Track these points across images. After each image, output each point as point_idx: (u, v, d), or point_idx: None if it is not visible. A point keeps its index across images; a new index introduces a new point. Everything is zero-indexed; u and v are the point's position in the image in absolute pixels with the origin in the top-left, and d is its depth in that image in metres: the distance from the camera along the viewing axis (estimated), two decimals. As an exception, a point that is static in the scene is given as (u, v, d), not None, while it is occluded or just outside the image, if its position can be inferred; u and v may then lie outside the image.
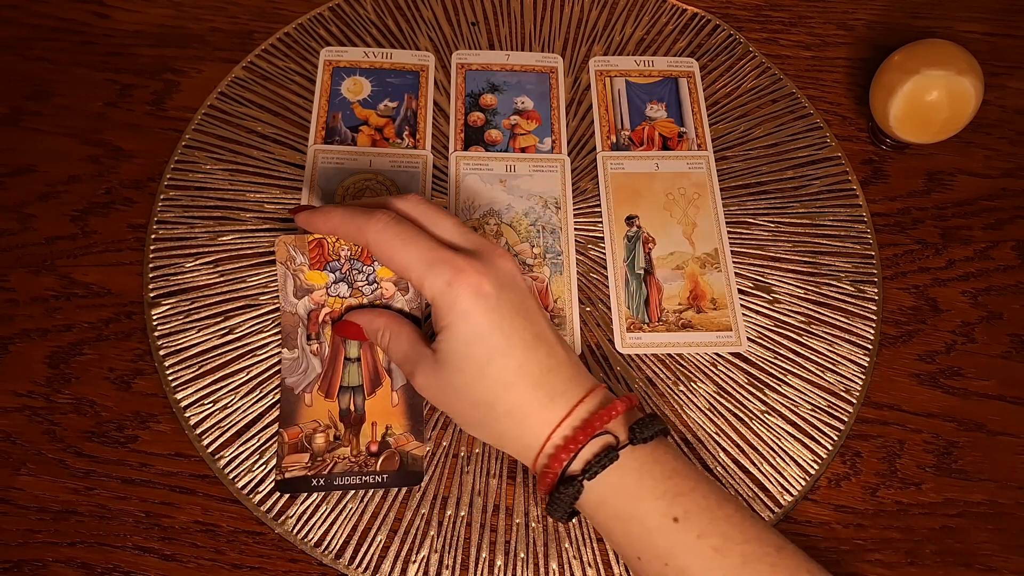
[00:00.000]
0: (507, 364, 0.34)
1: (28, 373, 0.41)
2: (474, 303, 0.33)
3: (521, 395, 0.34)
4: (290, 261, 0.40)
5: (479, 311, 0.33)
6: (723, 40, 0.54)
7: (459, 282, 0.33)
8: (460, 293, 0.33)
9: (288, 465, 0.39)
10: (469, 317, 0.34)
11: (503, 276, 0.35)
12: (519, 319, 0.34)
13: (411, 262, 0.34)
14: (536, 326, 0.35)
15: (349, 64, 0.50)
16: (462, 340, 0.34)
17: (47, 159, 0.47)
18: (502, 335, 0.34)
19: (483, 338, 0.34)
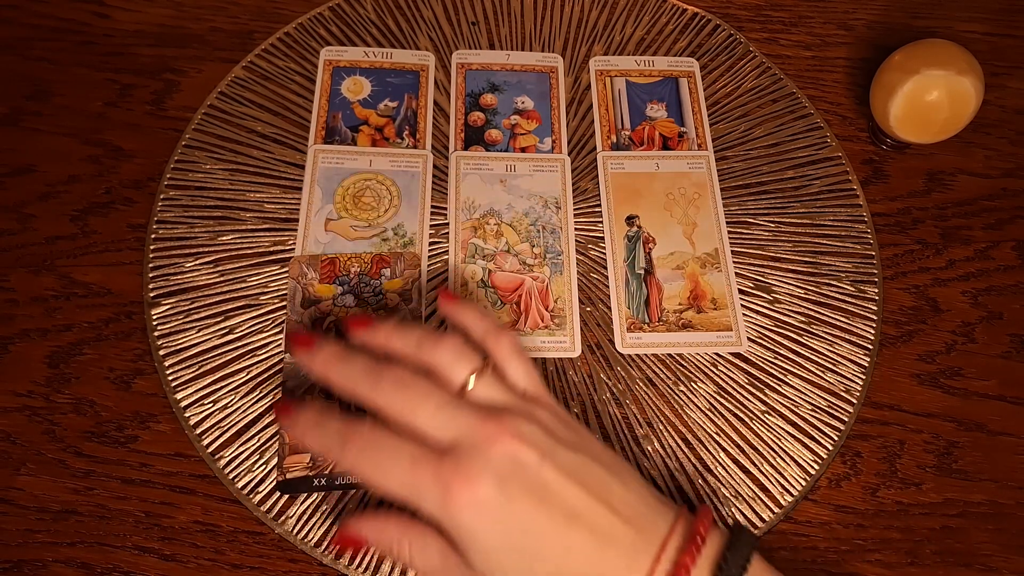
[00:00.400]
0: (551, 561, 0.30)
1: (28, 373, 0.41)
2: (478, 516, 0.29)
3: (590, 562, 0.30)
4: (301, 277, 0.41)
5: (487, 522, 0.29)
6: (723, 40, 0.54)
7: (452, 501, 0.29)
8: (460, 512, 0.29)
9: (289, 466, 0.39)
10: (481, 532, 0.29)
11: (498, 465, 0.30)
12: (540, 507, 0.30)
13: (395, 491, 0.30)
14: (564, 502, 0.30)
15: (349, 64, 0.50)
16: (491, 554, 0.30)
17: (47, 159, 0.47)
18: (527, 536, 0.30)
19: (510, 549, 0.30)
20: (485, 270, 0.45)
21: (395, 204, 0.46)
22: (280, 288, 0.43)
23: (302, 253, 0.43)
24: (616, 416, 0.42)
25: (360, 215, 0.45)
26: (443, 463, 0.30)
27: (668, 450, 0.41)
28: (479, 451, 0.30)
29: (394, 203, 0.46)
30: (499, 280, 0.44)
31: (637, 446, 0.41)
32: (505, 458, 0.30)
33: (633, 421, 0.42)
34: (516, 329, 0.43)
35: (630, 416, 0.42)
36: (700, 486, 0.40)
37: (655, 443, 0.41)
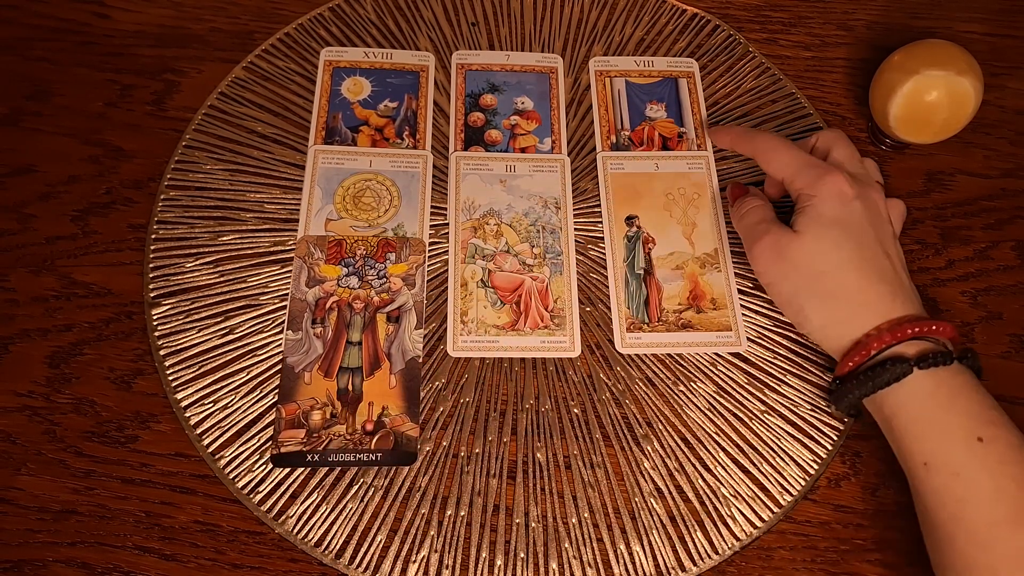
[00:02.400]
0: (858, 251, 0.38)
1: (28, 373, 0.41)
2: (837, 197, 0.39)
3: (863, 279, 0.38)
4: (308, 256, 0.42)
5: (839, 203, 0.39)
6: (723, 40, 0.54)
7: (827, 179, 0.39)
8: (826, 185, 0.39)
9: (284, 440, 0.39)
10: (830, 203, 0.39)
11: (868, 199, 0.40)
12: (872, 231, 0.39)
13: (787, 162, 0.41)
14: (885, 243, 0.39)
15: (349, 64, 0.50)
16: (822, 216, 0.39)
17: (47, 159, 0.47)
18: (858, 229, 0.38)
19: (840, 223, 0.38)
20: (485, 270, 0.45)
21: (395, 204, 0.46)
22: (280, 288, 0.43)
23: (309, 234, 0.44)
24: (616, 416, 0.42)
25: (360, 215, 0.45)
26: (834, 167, 0.40)
27: (668, 450, 0.41)
28: (863, 183, 0.40)
29: (394, 203, 0.46)
30: (499, 280, 0.44)
31: (637, 446, 0.41)
32: (873, 200, 0.40)
33: (633, 421, 0.42)
34: (516, 329, 0.43)
35: (630, 416, 0.42)
36: (700, 486, 0.40)
37: (655, 443, 0.41)
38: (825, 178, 0.39)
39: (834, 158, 0.42)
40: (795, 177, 0.40)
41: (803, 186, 0.40)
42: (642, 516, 0.39)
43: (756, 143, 0.43)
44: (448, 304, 0.44)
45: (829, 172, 0.39)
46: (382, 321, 0.43)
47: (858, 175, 0.41)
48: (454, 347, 0.42)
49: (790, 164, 0.41)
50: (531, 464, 0.40)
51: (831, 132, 0.44)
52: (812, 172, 0.40)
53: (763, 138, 0.43)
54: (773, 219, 0.41)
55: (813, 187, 0.39)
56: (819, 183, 0.39)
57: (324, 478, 0.39)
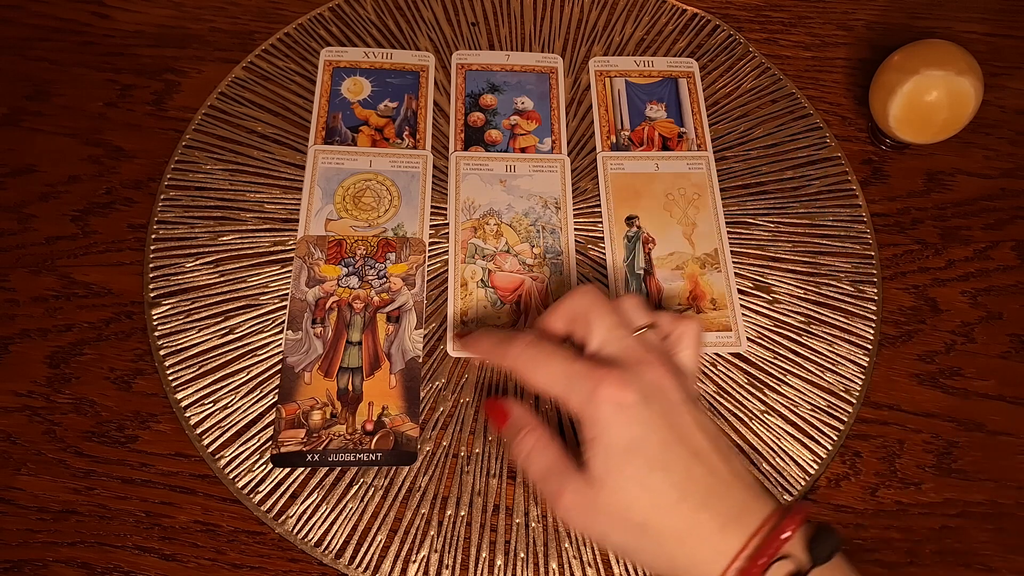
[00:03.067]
0: (667, 480, 0.31)
1: (28, 373, 0.41)
2: (617, 414, 0.32)
3: (687, 517, 0.31)
4: (308, 256, 0.43)
5: (623, 422, 0.32)
6: (723, 40, 0.54)
7: (599, 394, 0.32)
8: (601, 405, 0.32)
9: (284, 440, 0.39)
10: (614, 428, 0.32)
11: (648, 386, 0.33)
12: (671, 433, 0.32)
13: (549, 381, 0.34)
14: (691, 441, 0.32)
15: (349, 64, 0.50)
16: (613, 454, 0.32)
17: (47, 159, 0.47)
18: (657, 449, 0.32)
19: (635, 451, 0.32)
20: (485, 270, 0.45)
21: (395, 204, 0.46)
22: (280, 288, 0.43)
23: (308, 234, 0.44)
24: (616, 416, 0.42)
25: (360, 215, 0.45)
26: (599, 367, 0.33)
27: (668, 450, 0.41)
28: (634, 370, 0.33)
29: (394, 203, 0.46)
30: (499, 280, 0.44)
31: (637, 446, 0.41)
32: (655, 383, 0.33)
33: (633, 421, 0.42)
34: (516, 329, 0.43)
35: (630, 416, 0.42)
36: (700, 486, 0.40)
37: (655, 443, 0.41)
38: (597, 393, 0.32)
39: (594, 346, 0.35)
40: (566, 397, 0.33)
41: (578, 407, 0.32)
42: (642, 516, 0.39)
43: (508, 359, 0.35)
44: (448, 304, 0.44)
45: (599, 383, 0.32)
46: (382, 321, 0.43)
47: (626, 357, 0.33)
48: (454, 347, 0.42)
49: (555, 380, 0.33)
50: (531, 464, 0.40)
51: (579, 299, 0.36)
52: (582, 387, 0.32)
53: (515, 352, 0.35)
54: (562, 463, 0.34)
55: (589, 410, 0.32)
56: (593, 401, 0.32)
57: (324, 478, 0.39)
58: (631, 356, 0.34)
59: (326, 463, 0.39)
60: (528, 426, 0.35)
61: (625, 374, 0.32)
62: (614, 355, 0.34)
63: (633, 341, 0.34)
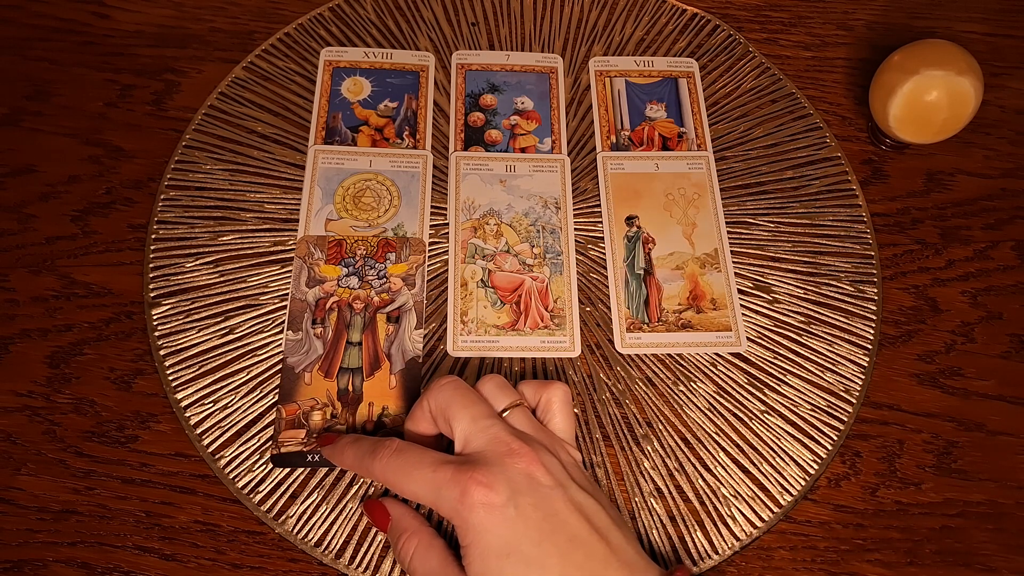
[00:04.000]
0: (550, 571, 0.31)
1: (28, 373, 0.41)
2: (487, 517, 0.31)
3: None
4: (308, 256, 0.43)
5: (494, 524, 0.31)
6: (723, 40, 0.54)
7: (467, 499, 0.32)
8: (471, 510, 0.32)
9: (284, 440, 0.39)
10: (487, 532, 0.31)
11: (516, 480, 0.32)
12: (545, 524, 0.32)
13: (417, 491, 0.33)
14: (566, 528, 0.32)
15: (349, 64, 0.50)
16: (490, 557, 0.31)
17: (47, 159, 0.47)
18: (530, 544, 0.31)
19: (509, 554, 0.31)
20: (485, 270, 0.45)
21: (395, 204, 0.46)
22: (280, 288, 0.43)
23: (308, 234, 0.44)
24: (616, 416, 0.42)
25: (360, 215, 0.45)
26: (464, 468, 0.32)
27: (668, 450, 0.41)
28: (500, 463, 0.33)
29: (394, 203, 0.46)
30: (499, 280, 0.44)
31: (637, 446, 0.41)
32: (522, 474, 0.32)
33: (633, 421, 0.42)
34: (516, 329, 0.43)
35: (630, 416, 0.42)
36: (700, 486, 0.40)
37: (655, 443, 0.41)
38: (465, 498, 0.31)
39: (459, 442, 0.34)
40: (437, 506, 0.33)
41: (449, 515, 0.32)
42: (642, 516, 0.39)
43: (375, 471, 0.34)
44: (448, 304, 0.44)
45: (466, 488, 0.32)
46: (382, 321, 0.43)
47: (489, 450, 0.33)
48: (454, 347, 0.42)
49: (424, 489, 0.33)
50: (531, 464, 0.40)
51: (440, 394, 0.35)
52: (450, 494, 0.32)
53: (383, 460, 0.34)
54: (445, 565, 0.33)
55: (461, 516, 0.32)
56: (464, 507, 0.32)
57: (324, 478, 0.39)
58: (496, 449, 0.33)
59: (326, 463, 0.39)
60: (409, 529, 0.35)
61: (491, 472, 0.32)
62: (479, 450, 0.33)
63: (498, 430, 0.34)
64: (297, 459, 0.39)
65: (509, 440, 0.33)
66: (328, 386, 0.41)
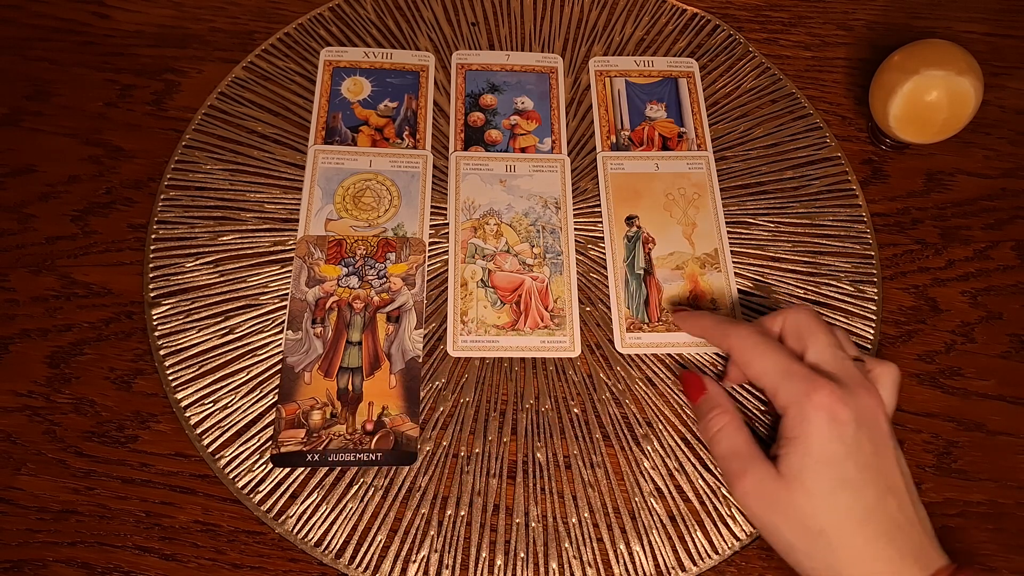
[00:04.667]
0: (858, 500, 0.32)
1: (28, 373, 0.41)
2: (829, 424, 0.33)
3: (868, 541, 0.32)
4: (308, 256, 0.43)
5: (833, 434, 0.32)
6: (723, 40, 0.54)
7: (815, 398, 0.33)
8: (815, 410, 0.33)
9: (284, 440, 0.39)
10: (822, 436, 0.33)
11: (863, 410, 0.33)
12: (873, 460, 0.33)
13: (768, 369, 0.35)
14: (890, 476, 0.33)
15: (349, 64, 0.50)
16: (814, 458, 0.33)
17: (47, 159, 0.47)
18: (856, 468, 0.32)
19: (836, 463, 0.32)
20: (485, 270, 0.45)
21: (395, 204, 0.46)
22: (280, 288, 0.43)
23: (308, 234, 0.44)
24: (616, 416, 0.42)
25: (360, 215, 0.45)
26: (818, 375, 0.34)
27: (668, 450, 0.41)
28: (852, 390, 0.34)
29: (394, 203, 0.46)
30: (499, 280, 0.44)
31: (637, 446, 0.41)
32: (869, 409, 0.34)
33: (633, 421, 0.42)
34: (516, 329, 0.43)
35: (630, 416, 0.42)
36: (700, 486, 0.40)
37: (655, 443, 0.41)
38: (813, 397, 0.33)
39: (812, 359, 0.35)
40: (778, 389, 0.34)
41: (788, 403, 0.34)
42: (642, 516, 0.39)
43: (731, 340, 0.37)
44: (448, 304, 0.44)
45: (817, 388, 0.33)
46: (382, 321, 0.43)
47: (844, 376, 0.34)
48: (454, 347, 0.42)
49: (772, 371, 0.35)
50: (531, 464, 0.40)
51: (800, 313, 0.37)
52: (798, 386, 0.34)
53: (738, 334, 0.36)
54: (751, 448, 0.35)
55: (801, 409, 0.33)
56: (807, 403, 0.33)
57: (324, 478, 0.39)
58: (850, 377, 0.34)
59: (326, 463, 0.39)
60: (722, 406, 0.37)
61: (843, 391, 0.33)
62: (833, 372, 0.35)
63: (852, 366, 0.35)
64: (297, 459, 0.39)
65: (862, 377, 0.35)
66: (328, 386, 0.41)
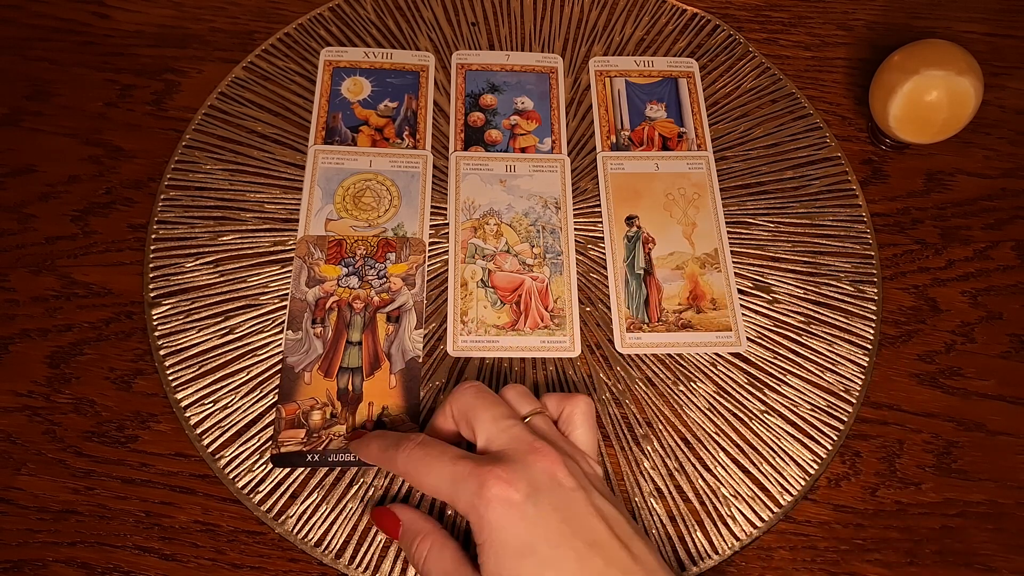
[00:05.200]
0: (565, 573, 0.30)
1: (28, 373, 0.41)
2: (505, 514, 0.31)
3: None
4: (308, 256, 0.43)
5: (511, 521, 0.31)
6: (723, 40, 0.54)
7: (485, 493, 0.31)
8: (487, 505, 0.31)
9: (284, 440, 0.39)
10: (503, 530, 0.31)
11: (537, 478, 0.31)
12: (564, 526, 0.31)
13: (437, 484, 0.33)
14: (587, 532, 0.31)
15: (349, 64, 0.50)
16: (505, 556, 0.31)
17: (47, 159, 0.47)
18: (548, 545, 0.30)
19: (526, 554, 0.30)
20: (485, 270, 0.45)
21: (395, 204, 0.46)
22: (280, 288, 0.43)
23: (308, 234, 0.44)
24: (616, 416, 0.42)
25: (360, 215, 0.45)
26: (484, 462, 0.32)
27: (668, 450, 0.41)
28: (522, 461, 0.32)
29: (394, 203, 0.46)
30: (499, 280, 0.44)
31: (637, 446, 0.41)
32: (544, 473, 0.32)
33: (633, 421, 0.42)
34: (516, 329, 0.43)
35: (630, 416, 0.42)
36: (700, 486, 0.40)
37: (655, 443, 0.41)
38: (483, 493, 0.31)
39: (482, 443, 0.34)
40: (454, 499, 0.32)
41: (466, 509, 0.32)
42: (642, 516, 0.39)
43: (398, 463, 0.34)
44: (448, 304, 0.44)
45: (483, 482, 0.31)
46: (382, 321, 0.43)
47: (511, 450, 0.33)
48: (454, 347, 0.42)
49: (441, 483, 0.32)
50: (531, 464, 0.40)
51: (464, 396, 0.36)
52: (468, 487, 0.31)
53: (404, 456, 0.34)
54: (458, 564, 0.33)
55: (477, 511, 0.31)
56: (479, 502, 0.31)
57: (324, 478, 0.39)
58: (519, 448, 0.33)
59: (326, 463, 0.39)
60: (422, 532, 0.35)
61: (512, 469, 0.31)
62: (501, 449, 0.33)
63: (520, 430, 0.33)
64: (297, 459, 0.39)
65: (531, 439, 0.33)
66: (328, 386, 0.41)
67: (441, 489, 0.33)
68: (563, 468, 0.32)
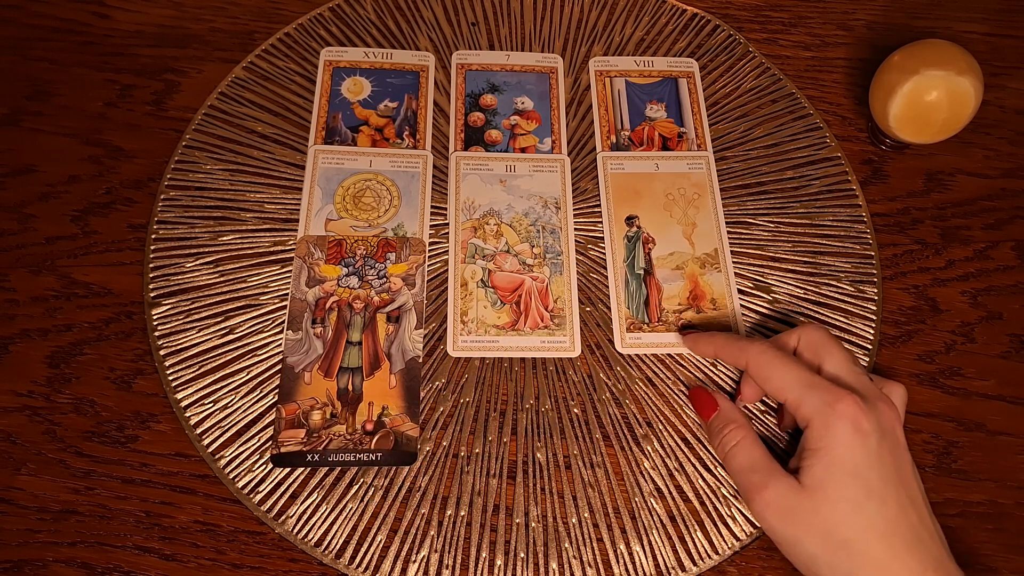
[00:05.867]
0: (881, 512, 0.33)
1: (28, 373, 0.41)
2: (853, 435, 0.33)
3: (891, 553, 0.32)
4: (308, 256, 0.43)
5: (855, 443, 0.33)
6: (723, 40, 0.54)
7: (839, 408, 0.33)
8: (839, 419, 0.33)
9: (284, 440, 0.39)
10: (844, 446, 0.33)
11: (884, 422, 0.34)
12: (894, 472, 0.34)
13: (790, 382, 0.35)
14: (909, 488, 0.34)
15: (349, 64, 0.50)
16: (839, 468, 0.33)
17: (47, 159, 0.47)
18: (879, 479, 0.33)
19: (861, 474, 0.33)
20: (485, 270, 0.45)
21: (395, 204, 0.46)
22: (280, 288, 0.43)
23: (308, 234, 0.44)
24: (616, 416, 0.42)
25: (360, 215, 0.45)
26: (839, 388, 0.34)
27: (668, 450, 0.41)
28: (872, 403, 0.34)
29: (394, 203, 0.46)
30: (499, 280, 0.44)
31: (637, 446, 0.41)
32: (888, 422, 0.34)
33: (633, 421, 0.42)
34: (516, 329, 0.43)
35: (630, 416, 0.42)
36: (700, 486, 0.40)
37: (655, 443, 0.41)
38: (837, 407, 0.33)
39: (830, 371, 0.36)
40: (801, 401, 0.35)
41: (811, 414, 0.34)
42: (642, 516, 0.39)
43: (748, 355, 0.37)
44: (448, 304, 0.44)
45: (840, 398, 0.34)
46: (382, 321, 0.43)
47: (863, 389, 0.35)
48: (454, 347, 0.42)
49: (793, 383, 0.35)
50: (531, 464, 0.40)
51: (815, 331, 0.38)
52: (821, 396, 0.34)
53: (755, 350, 0.37)
54: (769, 461, 0.36)
55: (825, 419, 0.34)
56: (831, 414, 0.33)
57: (324, 478, 0.39)
58: (869, 391, 0.35)
59: (326, 463, 0.39)
60: (737, 422, 0.38)
61: (866, 402, 0.34)
62: (852, 385, 0.35)
63: (867, 379, 0.36)
64: (297, 459, 0.39)
65: (880, 392, 0.36)
66: (328, 386, 0.41)
67: (789, 388, 0.35)
68: (900, 427, 0.35)
